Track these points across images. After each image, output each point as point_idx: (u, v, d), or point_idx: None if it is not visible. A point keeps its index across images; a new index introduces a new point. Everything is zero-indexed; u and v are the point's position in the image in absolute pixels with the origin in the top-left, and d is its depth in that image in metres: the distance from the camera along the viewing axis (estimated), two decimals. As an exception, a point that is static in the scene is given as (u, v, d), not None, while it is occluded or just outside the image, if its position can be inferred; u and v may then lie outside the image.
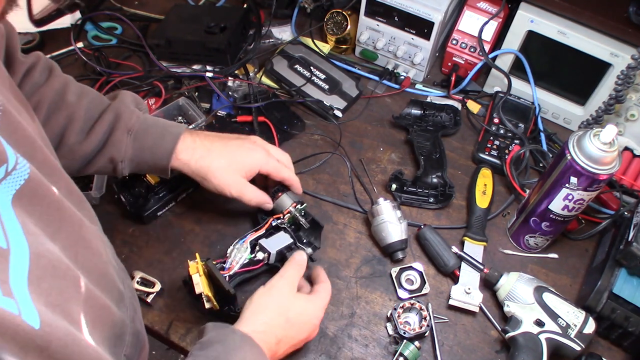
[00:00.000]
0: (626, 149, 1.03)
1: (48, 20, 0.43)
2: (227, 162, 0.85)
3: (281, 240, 0.84)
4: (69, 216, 0.58)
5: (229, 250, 0.83)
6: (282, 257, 0.84)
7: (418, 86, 1.18)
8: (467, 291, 0.87)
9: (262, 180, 0.92)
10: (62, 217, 0.57)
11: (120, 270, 0.72)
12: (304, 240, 0.90)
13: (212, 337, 0.67)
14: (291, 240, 0.84)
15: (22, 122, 0.56)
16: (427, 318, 0.84)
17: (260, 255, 0.83)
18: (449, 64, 1.17)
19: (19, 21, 0.51)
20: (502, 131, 1.07)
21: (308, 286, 0.82)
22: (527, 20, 1.03)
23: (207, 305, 0.77)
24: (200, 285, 0.75)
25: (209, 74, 1.11)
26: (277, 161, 0.88)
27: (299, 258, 0.80)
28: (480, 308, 0.88)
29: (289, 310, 0.73)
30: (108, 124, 0.81)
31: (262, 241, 0.83)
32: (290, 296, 0.75)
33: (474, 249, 0.93)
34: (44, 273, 0.48)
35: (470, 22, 1.12)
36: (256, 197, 0.87)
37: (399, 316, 0.84)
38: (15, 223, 0.48)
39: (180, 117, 1.08)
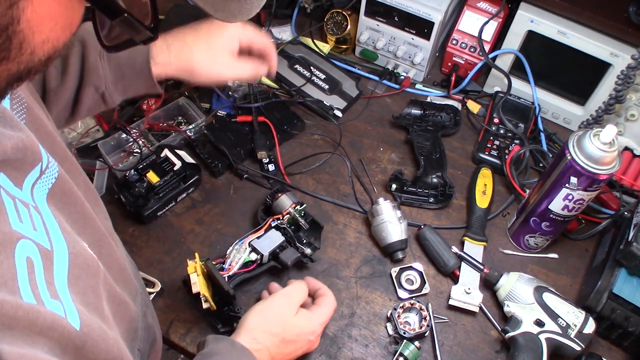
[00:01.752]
0: (626, 149, 1.03)
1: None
2: (206, 45, 0.81)
3: (273, 239, 0.85)
4: (90, 213, 0.59)
5: (228, 251, 0.83)
6: (276, 256, 0.84)
7: (418, 86, 1.18)
8: (467, 291, 0.87)
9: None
10: (85, 214, 0.58)
11: (132, 265, 0.73)
12: (304, 241, 0.90)
13: (212, 349, 0.68)
14: (282, 239, 0.85)
15: (42, 118, 0.57)
16: (427, 318, 0.84)
17: (253, 256, 0.83)
18: (449, 64, 1.17)
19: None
20: (502, 131, 1.07)
21: (309, 301, 0.82)
22: (527, 20, 1.03)
23: (204, 305, 0.77)
24: (198, 285, 0.75)
25: (209, 74, 1.11)
26: (255, 30, 0.86)
27: (303, 282, 0.80)
28: (480, 308, 0.88)
29: (285, 331, 0.74)
30: (78, 54, 0.78)
31: (254, 242, 0.83)
32: (288, 318, 0.75)
33: (474, 249, 0.93)
34: (81, 272, 0.50)
35: (470, 22, 1.12)
36: (251, 69, 0.84)
37: (399, 316, 0.84)
38: (53, 221, 0.49)
39: (180, 117, 1.08)
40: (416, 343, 0.82)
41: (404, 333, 0.83)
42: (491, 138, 1.06)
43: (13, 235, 0.42)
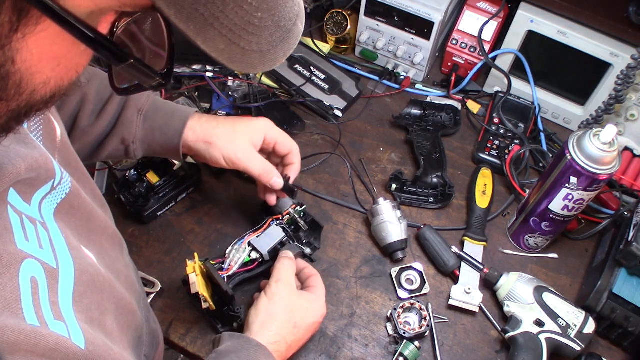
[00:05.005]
0: (626, 149, 1.03)
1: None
2: (232, 127, 0.81)
3: (273, 236, 0.84)
4: (97, 223, 0.60)
5: (227, 251, 0.83)
6: (276, 253, 0.83)
7: (418, 86, 1.18)
8: (467, 291, 0.87)
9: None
10: (91, 225, 0.58)
11: (134, 269, 0.73)
12: (304, 241, 0.90)
13: (228, 347, 0.67)
14: (283, 235, 0.84)
15: (57, 128, 0.57)
16: (427, 318, 0.84)
17: (254, 255, 0.83)
18: (449, 64, 1.17)
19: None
20: (502, 131, 1.07)
21: (296, 280, 0.82)
22: (527, 20, 1.03)
23: (204, 306, 0.77)
24: (196, 285, 0.75)
25: (209, 74, 1.11)
26: (283, 132, 0.85)
27: (286, 256, 0.80)
28: (480, 308, 0.88)
29: (295, 316, 0.74)
30: (118, 104, 0.80)
31: (253, 240, 0.83)
32: (294, 299, 0.75)
33: (474, 249, 0.93)
34: (86, 289, 0.50)
35: (470, 22, 1.12)
36: (264, 167, 0.81)
37: (399, 316, 0.84)
38: (60, 238, 0.49)
39: (180, 117, 1.07)
40: (416, 343, 0.82)
41: (404, 333, 0.83)
42: (491, 138, 1.06)
43: (18, 255, 0.42)
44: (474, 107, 1.14)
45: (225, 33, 0.34)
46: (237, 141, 0.80)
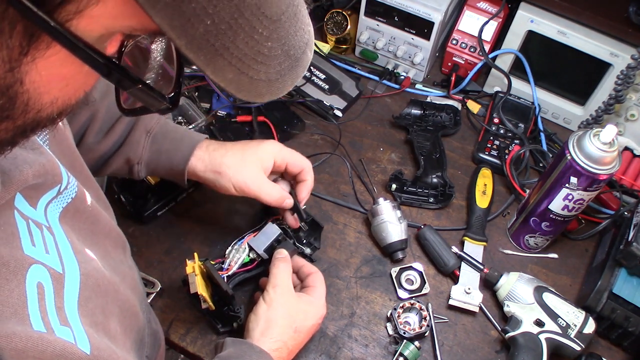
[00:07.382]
0: (626, 149, 1.03)
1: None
2: (241, 155, 0.80)
3: (269, 234, 0.84)
4: (102, 226, 0.60)
5: (227, 251, 0.83)
6: (273, 251, 0.83)
7: (418, 86, 1.18)
8: (467, 291, 0.87)
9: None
10: (95, 229, 0.58)
11: (136, 270, 0.73)
12: (304, 241, 0.90)
13: (231, 353, 0.67)
14: (279, 232, 0.84)
15: (65, 132, 0.57)
16: (427, 318, 0.84)
17: (253, 254, 0.83)
18: (449, 64, 1.17)
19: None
20: (502, 131, 1.07)
21: (295, 278, 0.82)
22: (527, 20, 1.03)
23: (203, 306, 0.77)
24: (196, 284, 0.75)
25: (209, 74, 1.11)
26: (294, 151, 0.84)
27: (281, 257, 0.79)
28: (480, 308, 0.88)
29: (295, 320, 0.74)
30: (127, 124, 0.80)
31: (251, 241, 0.83)
32: (293, 303, 0.75)
33: (474, 249, 0.93)
34: (91, 293, 0.50)
35: (470, 22, 1.12)
36: (276, 193, 0.81)
37: (399, 316, 0.84)
38: (66, 242, 0.50)
39: (180, 117, 1.07)
40: (416, 343, 0.82)
41: (404, 333, 0.83)
42: (491, 138, 1.06)
43: (25, 261, 0.43)
44: (474, 107, 1.14)
45: (235, 63, 0.34)
46: (247, 169, 0.79)
